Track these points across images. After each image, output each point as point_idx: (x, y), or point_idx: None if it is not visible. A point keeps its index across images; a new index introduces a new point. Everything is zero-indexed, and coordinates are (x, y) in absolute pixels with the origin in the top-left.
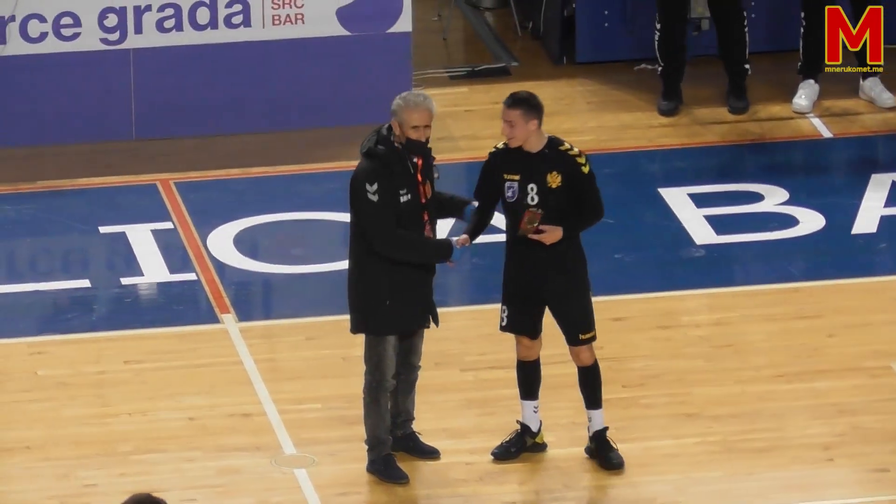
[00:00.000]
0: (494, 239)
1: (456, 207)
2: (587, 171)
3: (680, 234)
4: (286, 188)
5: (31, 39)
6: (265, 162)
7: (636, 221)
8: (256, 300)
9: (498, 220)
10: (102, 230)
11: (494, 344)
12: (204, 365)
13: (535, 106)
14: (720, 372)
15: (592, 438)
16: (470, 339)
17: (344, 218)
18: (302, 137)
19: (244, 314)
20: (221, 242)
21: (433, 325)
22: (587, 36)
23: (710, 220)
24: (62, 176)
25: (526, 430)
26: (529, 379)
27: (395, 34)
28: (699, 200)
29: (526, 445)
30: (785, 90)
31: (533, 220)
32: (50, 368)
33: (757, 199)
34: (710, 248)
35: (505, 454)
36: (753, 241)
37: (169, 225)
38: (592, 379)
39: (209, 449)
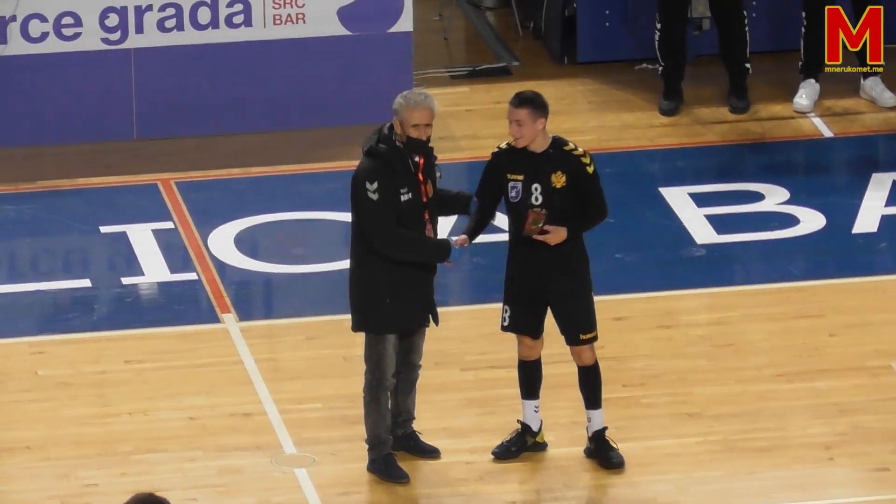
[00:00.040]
0: (495, 238)
1: (459, 203)
2: (592, 171)
3: (681, 233)
4: (287, 188)
5: (31, 39)
6: (266, 162)
7: (637, 221)
8: (257, 300)
9: (498, 219)
10: (103, 230)
11: (495, 343)
12: (204, 365)
13: (541, 105)
14: (721, 371)
15: (591, 439)
16: (470, 338)
17: (345, 218)
18: (303, 137)
19: (245, 314)
20: (222, 242)
21: (433, 324)
22: (588, 36)
23: (710, 219)
24: (63, 176)
25: (526, 429)
26: (531, 379)
27: (396, 34)
28: (700, 200)
29: (526, 445)
30: (786, 90)
31: (537, 220)
32: (50, 368)
33: (758, 198)
34: (710, 247)
35: (505, 453)
36: (754, 240)
37: (170, 225)
38: (593, 379)
39: (210, 449)
